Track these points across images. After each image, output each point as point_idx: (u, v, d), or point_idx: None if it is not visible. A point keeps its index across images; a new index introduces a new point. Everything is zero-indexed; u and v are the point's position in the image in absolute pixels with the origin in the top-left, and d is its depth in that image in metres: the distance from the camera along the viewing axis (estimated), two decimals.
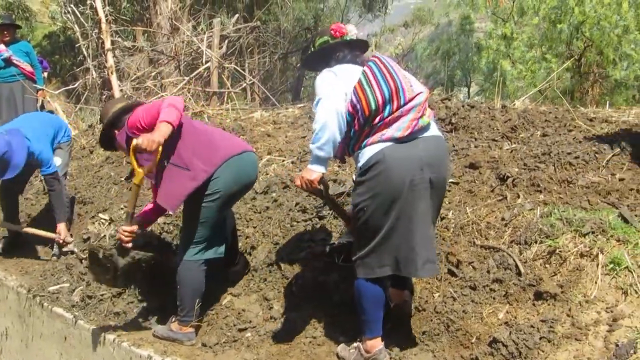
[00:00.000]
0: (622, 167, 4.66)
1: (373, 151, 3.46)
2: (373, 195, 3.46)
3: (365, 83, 3.46)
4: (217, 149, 4.26)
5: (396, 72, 3.50)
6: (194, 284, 4.30)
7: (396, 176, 3.41)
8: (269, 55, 15.58)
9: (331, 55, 3.77)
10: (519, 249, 4.07)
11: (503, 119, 5.72)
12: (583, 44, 12.43)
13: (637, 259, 3.64)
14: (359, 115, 3.46)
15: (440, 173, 3.57)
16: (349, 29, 3.81)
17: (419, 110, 3.47)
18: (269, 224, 5.12)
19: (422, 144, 3.49)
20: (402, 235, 3.49)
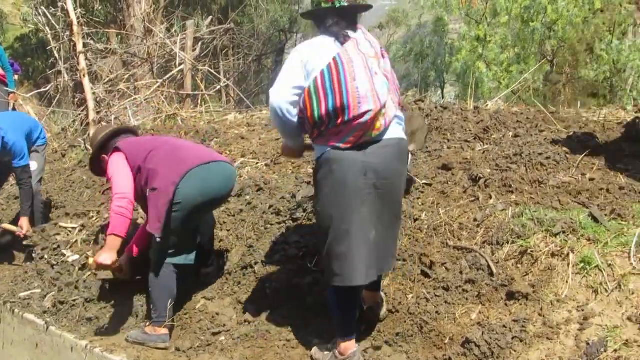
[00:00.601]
0: (592, 167, 4.71)
1: (322, 151, 3.52)
2: (324, 200, 3.52)
3: (313, 92, 3.45)
4: (181, 160, 4.31)
5: (346, 84, 3.40)
6: (164, 286, 4.30)
7: (340, 180, 3.44)
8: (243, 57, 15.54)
9: (322, 21, 3.69)
10: (492, 250, 4.09)
11: (475, 120, 5.75)
12: (556, 44, 12.53)
13: (607, 258, 3.67)
14: (305, 120, 3.52)
15: (388, 178, 3.54)
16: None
17: (364, 128, 3.44)
18: (243, 226, 5.11)
19: (369, 149, 3.48)
20: (346, 241, 3.48)
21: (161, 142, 4.63)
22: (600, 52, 12.05)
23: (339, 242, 3.48)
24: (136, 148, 4.48)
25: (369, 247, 3.52)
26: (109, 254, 4.21)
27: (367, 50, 3.57)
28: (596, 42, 12.02)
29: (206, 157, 4.43)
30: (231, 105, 11.01)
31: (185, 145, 4.70)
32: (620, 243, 3.76)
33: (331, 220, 3.48)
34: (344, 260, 3.48)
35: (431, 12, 13.86)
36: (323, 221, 3.55)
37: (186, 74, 9.95)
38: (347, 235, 3.47)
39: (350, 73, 3.42)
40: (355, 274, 3.49)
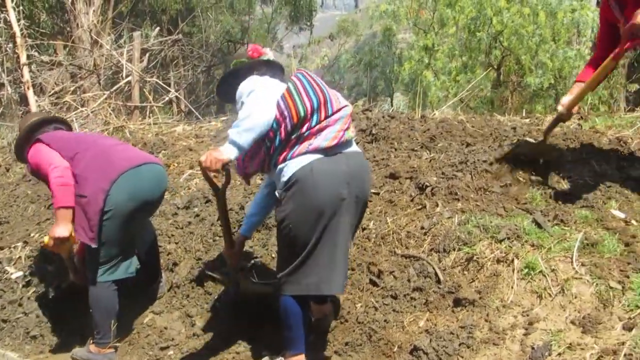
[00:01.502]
0: (534, 173, 4.78)
1: (299, 165, 3.43)
2: (299, 211, 3.43)
3: (294, 91, 3.45)
4: (110, 164, 4.14)
5: (323, 84, 3.54)
6: (106, 306, 4.20)
7: (323, 191, 3.39)
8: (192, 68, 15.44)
9: (249, 74, 3.70)
10: (438, 257, 4.14)
11: (422, 129, 5.81)
12: (501, 53, 12.74)
13: (550, 263, 3.75)
14: (286, 122, 3.42)
15: (363, 189, 3.62)
16: (266, 51, 3.82)
17: (345, 122, 3.51)
18: (191, 239, 5.07)
19: (345, 160, 3.51)
20: (327, 251, 3.46)
21: (88, 143, 4.39)
22: (545, 60, 12.27)
23: (322, 251, 3.45)
24: (63, 146, 4.27)
25: (346, 255, 3.58)
26: (63, 227, 4.05)
27: None
28: (540, 51, 12.24)
29: (134, 159, 4.28)
30: (180, 116, 10.90)
31: (113, 146, 4.46)
32: (563, 248, 3.84)
33: (313, 231, 3.42)
34: (327, 269, 3.47)
35: (380, 22, 13.98)
36: (300, 231, 3.45)
37: (134, 85, 9.86)
38: (332, 245, 3.46)
39: (320, 79, 3.58)
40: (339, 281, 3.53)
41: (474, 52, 12.90)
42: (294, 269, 3.49)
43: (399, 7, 13.58)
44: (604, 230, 3.97)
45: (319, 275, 3.46)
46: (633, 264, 3.62)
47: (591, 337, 3.27)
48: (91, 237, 4.07)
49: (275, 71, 3.83)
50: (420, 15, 13.69)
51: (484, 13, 12.39)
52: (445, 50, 13.01)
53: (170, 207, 5.42)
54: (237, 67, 3.80)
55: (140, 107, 9.96)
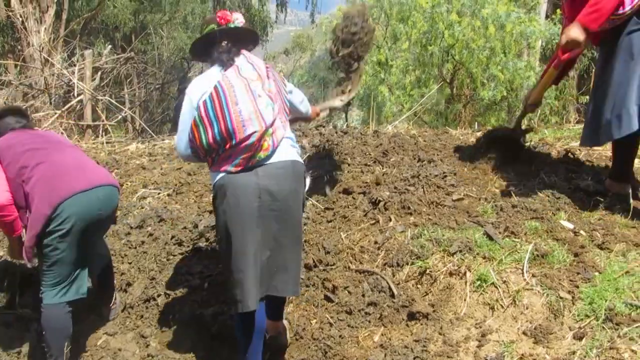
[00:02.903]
0: (486, 186, 4.85)
1: (217, 177, 3.58)
2: (219, 222, 3.56)
3: (199, 122, 3.55)
4: (56, 188, 4.01)
5: (229, 110, 3.50)
6: (59, 328, 4.10)
7: (234, 204, 3.47)
8: (145, 86, 15.33)
9: (214, 44, 3.74)
10: (392, 271, 4.16)
11: (375, 144, 5.85)
12: (453, 67, 12.89)
13: (502, 274, 3.79)
14: (197, 149, 3.64)
15: (283, 200, 3.56)
16: (234, 17, 3.80)
17: (252, 149, 3.50)
18: (145, 258, 5.00)
19: (261, 171, 3.54)
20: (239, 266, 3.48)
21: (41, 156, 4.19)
22: (497, 72, 12.44)
23: (236, 267, 3.47)
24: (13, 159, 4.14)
25: (262, 269, 3.51)
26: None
27: (249, 74, 3.64)
28: (491, 63, 12.41)
29: (84, 182, 4.11)
30: (133, 135, 10.80)
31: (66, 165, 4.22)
32: (514, 259, 3.89)
33: (229, 245, 3.49)
34: (240, 286, 3.46)
35: None
36: (222, 246, 3.58)
37: (85, 104, 9.74)
38: (243, 258, 3.46)
39: (232, 98, 3.51)
40: (250, 299, 3.45)
41: (427, 67, 13.00)
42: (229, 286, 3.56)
43: None
44: (554, 241, 4.03)
45: (235, 292, 3.50)
46: (582, 274, 3.68)
47: (543, 347, 3.31)
48: (28, 258, 4.02)
49: (239, 44, 3.81)
50: None
51: (436, 27, 12.52)
52: (399, 65, 13.09)
53: (123, 226, 5.35)
54: (207, 34, 3.80)
55: (93, 126, 9.84)
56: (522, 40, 13.15)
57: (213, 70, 3.69)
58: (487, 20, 12.29)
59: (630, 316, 3.31)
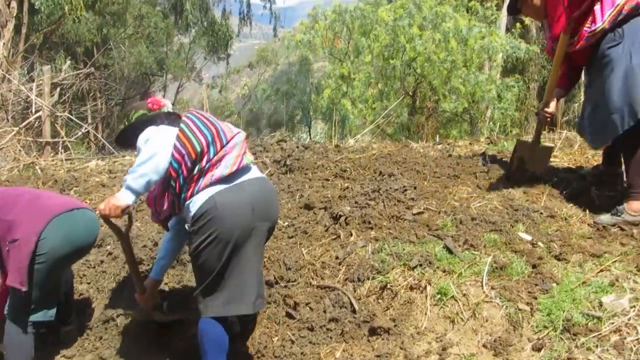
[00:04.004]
0: (446, 199, 4.88)
1: (204, 199, 3.54)
2: (207, 241, 3.52)
3: (187, 130, 3.58)
4: (43, 208, 4.06)
5: (214, 118, 3.71)
6: (22, 348, 4.04)
7: (228, 221, 3.51)
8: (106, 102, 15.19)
9: (148, 126, 3.76)
10: (353, 287, 4.15)
11: (336, 159, 5.85)
12: (415, 80, 13.00)
13: (461, 287, 3.81)
14: (185, 160, 3.54)
15: (269, 213, 3.74)
16: (165, 102, 3.93)
17: (241, 147, 3.68)
18: (104, 278, 4.93)
19: (247, 187, 3.64)
20: (237, 274, 3.57)
21: (19, 191, 4.37)
22: (458, 85, 12.58)
23: (232, 276, 3.57)
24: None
25: (257, 277, 3.69)
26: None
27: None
28: (453, 76, 12.55)
29: (68, 204, 4.23)
30: (94, 151, 10.67)
31: (45, 193, 4.47)
32: (473, 272, 3.91)
33: (221, 257, 3.53)
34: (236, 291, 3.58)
35: (296, 51, 14.08)
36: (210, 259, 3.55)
37: (44, 120, 9.60)
38: (241, 268, 3.58)
39: (210, 116, 3.74)
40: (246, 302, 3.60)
41: (389, 80, 13.11)
42: (206, 292, 3.59)
43: (314, 36, 13.70)
44: (512, 253, 4.07)
45: (227, 297, 3.57)
46: (540, 285, 3.72)
47: (502, 359, 3.33)
48: (22, 281, 3.93)
49: (173, 120, 3.87)
50: (335, 44, 13.86)
51: (398, 40, 12.63)
52: (361, 79, 13.17)
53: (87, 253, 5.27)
54: (137, 119, 3.88)
55: (52, 142, 9.70)
56: (483, 53, 13.31)
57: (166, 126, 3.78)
58: (449, 33, 12.43)
59: (587, 326, 3.35)
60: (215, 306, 3.58)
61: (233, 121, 24.91)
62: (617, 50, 4.34)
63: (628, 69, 4.27)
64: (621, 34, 4.35)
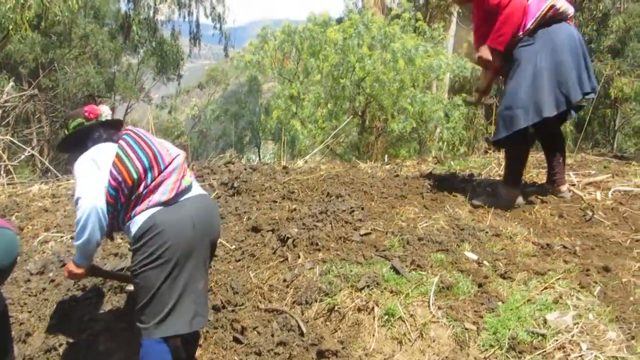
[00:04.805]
0: (393, 220, 4.90)
1: (144, 218, 3.53)
2: (150, 258, 3.50)
3: (123, 156, 3.54)
4: None
5: (151, 140, 3.66)
6: None
7: (169, 239, 3.50)
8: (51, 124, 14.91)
9: (88, 137, 3.78)
10: (301, 309, 4.12)
11: (284, 180, 5.84)
12: (365, 100, 13.08)
13: (409, 308, 3.81)
14: (122, 187, 3.51)
15: (209, 228, 3.75)
16: (102, 110, 3.86)
17: (180, 172, 3.66)
18: (46, 306, 4.80)
19: (189, 205, 3.65)
20: (176, 293, 3.54)
21: None
22: (406, 105, 12.70)
23: (172, 297, 3.53)
24: None
25: (198, 296, 3.66)
26: None
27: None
28: (401, 96, 12.67)
29: None
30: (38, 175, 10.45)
31: None
32: (420, 292, 3.92)
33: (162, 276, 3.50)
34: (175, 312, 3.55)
35: (245, 72, 14.06)
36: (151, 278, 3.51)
37: None
38: (179, 286, 3.55)
39: (147, 135, 3.73)
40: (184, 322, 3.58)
41: (339, 100, 13.17)
42: (145, 312, 3.56)
43: (263, 57, 13.71)
44: (459, 272, 4.10)
45: (164, 316, 3.54)
46: (486, 304, 3.76)
47: None
48: None
49: (112, 130, 3.86)
50: (284, 64, 13.89)
51: (347, 60, 12.70)
52: (311, 99, 13.21)
53: (22, 273, 5.13)
54: (76, 129, 3.83)
55: None
56: (431, 73, 13.48)
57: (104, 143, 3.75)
58: (397, 54, 12.56)
59: (532, 344, 3.39)
60: (153, 326, 3.53)
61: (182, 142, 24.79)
62: (528, 51, 4.80)
63: (536, 69, 4.73)
64: (535, 37, 4.80)
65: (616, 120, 24.47)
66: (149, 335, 3.54)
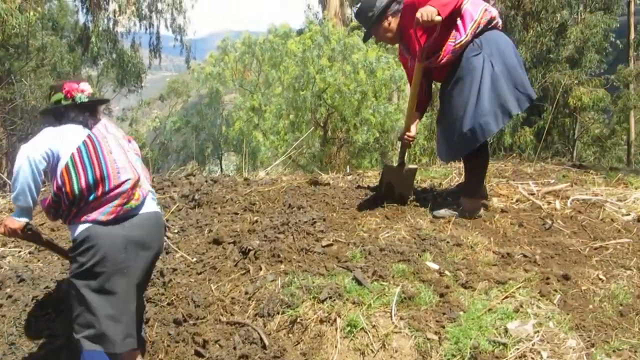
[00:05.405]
0: (355, 230, 4.90)
1: (80, 229, 3.59)
2: (81, 269, 3.55)
3: (71, 167, 3.56)
4: None
5: (104, 157, 3.63)
6: None
7: (100, 255, 3.53)
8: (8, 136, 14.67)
9: (63, 116, 3.80)
10: (263, 322, 4.09)
11: (245, 192, 5.81)
12: (326, 111, 13.12)
13: (371, 319, 3.81)
14: (64, 197, 3.57)
15: (147, 251, 3.76)
16: (82, 87, 3.85)
17: (125, 197, 3.64)
18: (3, 322, 4.69)
19: (128, 224, 3.68)
20: (107, 311, 3.55)
21: None
22: (368, 116, 12.77)
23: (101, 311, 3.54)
24: None
25: (130, 317, 3.68)
26: None
27: (116, 132, 3.85)
28: (363, 107, 12.74)
29: None
30: None
31: None
32: (382, 303, 3.93)
33: (94, 294, 3.54)
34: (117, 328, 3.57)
35: (206, 84, 14.02)
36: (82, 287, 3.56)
37: None
38: (111, 304, 3.56)
39: (106, 147, 3.68)
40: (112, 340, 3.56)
41: (300, 111, 13.20)
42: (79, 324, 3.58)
43: (224, 69, 13.68)
44: (420, 282, 4.12)
45: (96, 332, 3.55)
46: (448, 314, 3.78)
47: None
48: None
49: (87, 113, 3.85)
50: (245, 76, 13.88)
51: (307, 72, 12.74)
52: (272, 110, 13.22)
53: None
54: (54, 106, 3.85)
55: None
56: (392, 84, 13.58)
57: (74, 126, 3.74)
58: (358, 65, 12.63)
59: (494, 353, 3.42)
60: (83, 338, 3.55)
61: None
62: (478, 60, 4.78)
63: (493, 75, 4.74)
64: (480, 44, 4.81)
65: (575, 129, 24.93)
66: (82, 346, 3.57)
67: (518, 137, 21.41)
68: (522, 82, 4.82)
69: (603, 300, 3.94)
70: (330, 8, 19.90)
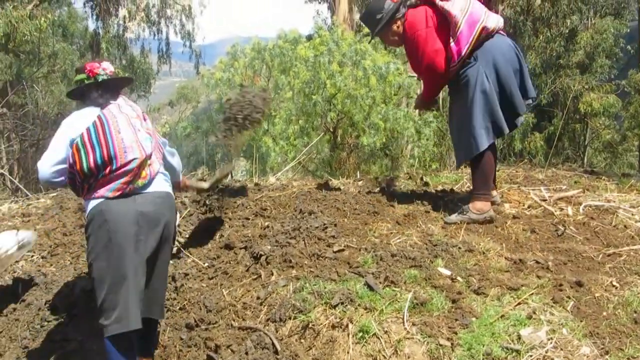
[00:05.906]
0: (366, 236, 4.90)
1: (92, 205, 3.71)
2: (96, 250, 3.65)
3: (81, 146, 3.68)
4: None
5: (112, 137, 3.72)
6: None
7: (113, 229, 3.62)
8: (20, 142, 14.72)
9: (85, 95, 3.97)
10: (275, 327, 4.08)
11: (256, 197, 5.82)
12: (337, 116, 13.10)
13: (383, 325, 3.80)
14: (75, 174, 3.73)
15: (158, 226, 3.81)
16: (103, 66, 3.97)
17: (131, 175, 3.73)
18: (17, 326, 4.71)
19: (139, 198, 3.77)
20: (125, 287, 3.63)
21: None
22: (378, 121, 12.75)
23: (116, 290, 3.61)
24: None
25: (141, 292, 3.73)
26: None
27: (129, 112, 3.94)
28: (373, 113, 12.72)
29: None
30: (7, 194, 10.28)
31: None
32: (394, 309, 3.92)
33: (107, 269, 3.62)
34: (121, 307, 3.61)
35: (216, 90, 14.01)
36: (99, 271, 3.65)
37: None
38: (124, 281, 3.61)
39: (115, 127, 3.77)
40: (131, 318, 3.62)
41: (310, 116, 13.17)
42: (102, 309, 3.65)
43: (233, 74, 13.69)
44: (432, 288, 4.11)
45: (116, 313, 3.61)
46: (460, 320, 3.76)
47: None
48: None
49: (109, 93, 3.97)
50: (255, 82, 13.87)
51: (318, 77, 12.73)
52: (282, 116, 13.21)
53: None
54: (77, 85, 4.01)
55: None
56: (401, 90, 13.56)
57: (91, 109, 3.88)
58: (368, 70, 12.62)
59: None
60: (111, 324, 3.60)
61: None
62: (472, 72, 4.92)
63: (487, 88, 4.86)
64: (475, 57, 4.92)
65: (586, 135, 24.85)
66: (105, 334, 3.62)
67: (528, 142, 21.39)
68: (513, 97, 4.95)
69: (617, 307, 3.92)
70: (339, 14, 19.96)
